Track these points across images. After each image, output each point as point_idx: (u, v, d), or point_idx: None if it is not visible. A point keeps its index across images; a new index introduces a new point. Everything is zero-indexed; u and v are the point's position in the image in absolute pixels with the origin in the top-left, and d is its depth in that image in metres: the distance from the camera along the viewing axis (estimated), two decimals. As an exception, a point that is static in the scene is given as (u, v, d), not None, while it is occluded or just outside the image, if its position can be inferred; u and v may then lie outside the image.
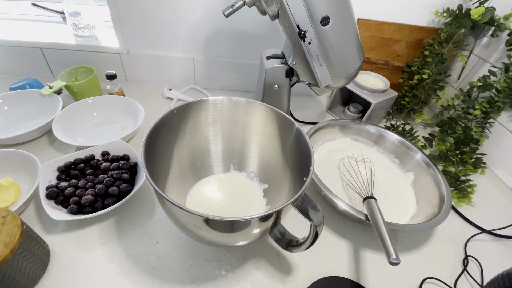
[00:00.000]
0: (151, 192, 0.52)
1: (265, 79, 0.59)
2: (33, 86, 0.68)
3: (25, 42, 0.73)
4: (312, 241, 0.36)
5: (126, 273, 0.41)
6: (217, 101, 0.47)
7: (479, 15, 0.60)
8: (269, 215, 0.33)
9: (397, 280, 0.45)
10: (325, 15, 0.46)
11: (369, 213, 0.44)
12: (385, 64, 0.80)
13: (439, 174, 0.55)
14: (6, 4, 0.82)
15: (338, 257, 0.47)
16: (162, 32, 0.73)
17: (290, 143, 0.46)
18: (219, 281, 0.42)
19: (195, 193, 0.49)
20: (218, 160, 0.53)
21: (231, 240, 0.38)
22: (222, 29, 0.72)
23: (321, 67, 0.53)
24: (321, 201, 0.56)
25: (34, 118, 0.65)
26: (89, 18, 0.74)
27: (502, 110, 0.61)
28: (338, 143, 0.66)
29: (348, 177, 0.58)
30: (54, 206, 0.45)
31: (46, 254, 0.41)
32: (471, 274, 0.47)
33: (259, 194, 0.51)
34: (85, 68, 0.73)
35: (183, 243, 0.46)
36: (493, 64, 0.67)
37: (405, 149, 0.62)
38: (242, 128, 0.50)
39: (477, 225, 0.55)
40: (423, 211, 0.52)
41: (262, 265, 0.44)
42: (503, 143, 0.65)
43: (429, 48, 0.71)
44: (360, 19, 0.71)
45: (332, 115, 0.81)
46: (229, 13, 0.49)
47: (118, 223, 0.47)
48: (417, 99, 0.74)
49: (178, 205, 0.30)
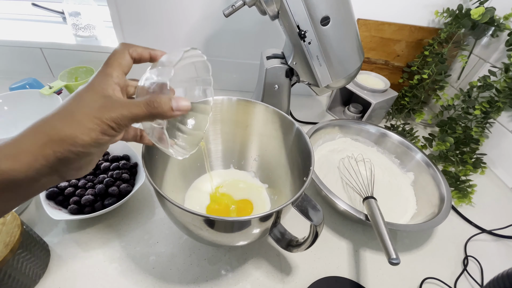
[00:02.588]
0: (151, 192, 0.52)
1: (265, 79, 0.59)
2: (33, 86, 0.68)
3: (25, 42, 0.73)
4: (312, 241, 0.36)
5: (126, 273, 0.41)
6: (217, 101, 0.47)
7: (479, 15, 0.60)
8: (269, 215, 0.33)
9: (397, 280, 0.45)
10: (325, 15, 0.46)
11: (369, 213, 0.44)
12: (385, 64, 0.80)
13: (439, 174, 0.55)
14: (6, 4, 0.82)
15: (338, 257, 0.47)
16: (162, 32, 0.72)
17: (290, 143, 0.46)
18: (219, 281, 0.42)
19: (194, 192, 0.50)
20: (218, 160, 0.53)
21: (231, 240, 0.38)
22: (222, 29, 0.72)
23: (321, 67, 0.53)
24: (321, 201, 0.56)
25: (34, 118, 0.63)
26: (89, 18, 0.74)
27: (502, 110, 0.61)
28: (338, 143, 0.66)
29: (348, 177, 0.58)
30: (54, 206, 0.45)
31: (46, 254, 0.41)
32: (471, 274, 0.47)
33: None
34: (85, 68, 0.73)
35: (183, 243, 0.46)
36: (493, 64, 0.67)
37: (405, 149, 0.62)
38: (242, 128, 0.50)
39: (477, 225, 0.55)
40: (423, 211, 0.52)
41: (262, 265, 0.44)
42: (503, 143, 0.65)
43: (429, 48, 0.71)
44: (360, 19, 0.71)
45: (332, 115, 0.81)
46: (229, 13, 0.49)
47: (118, 223, 0.47)
48: (417, 99, 0.74)
49: (178, 205, 0.30)
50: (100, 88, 0.23)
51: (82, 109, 0.22)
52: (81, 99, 0.23)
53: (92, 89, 0.23)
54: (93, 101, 0.23)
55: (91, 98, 0.23)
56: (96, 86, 0.23)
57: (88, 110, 0.22)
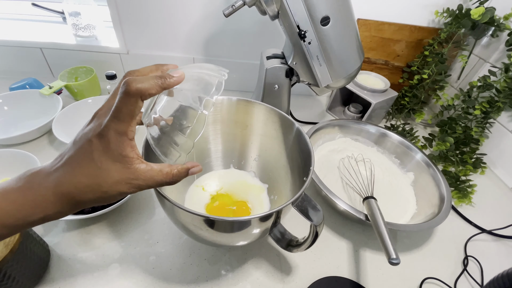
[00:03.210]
0: (151, 192, 0.52)
1: (265, 79, 0.59)
2: (33, 86, 0.68)
3: (25, 42, 0.73)
4: (312, 241, 0.36)
5: (126, 273, 0.41)
6: (217, 101, 0.47)
7: (479, 15, 0.60)
8: (269, 215, 0.33)
9: (397, 280, 0.45)
10: (325, 15, 0.46)
11: (369, 213, 0.44)
12: (385, 64, 0.80)
13: (439, 174, 0.55)
14: (6, 4, 0.82)
15: (338, 257, 0.47)
16: (162, 32, 0.73)
17: (290, 143, 0.46)
18: (219, 281, 0.42)
19: (194, 192, 0.50)
20: (218, 160, 0.53)
21: (231, 240, 0.38)
22: (222, 29, 0.72)
23: (321, 67, 0.53)
24: (321, 201, 0.56)
25: (34, 118, 0.65)
26: (89, 18, 0.74)
27: (502, 110, 0.61)
28: (338, 143, 0.66)
29: (348, 177, 0.58)
30: (54, 206, 0.45)
31: (46, 254, 0.41)
32: (471, 274, 0.47)
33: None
34: (85, 68, 0.73)
35: (183, 243, 0.46)
36: (493, 64, 0.67)
37: (405, 149, 0.62)
38: (242, 128, 0.50)
39: (477, 225, 0.55)
40: (423, 211, 0.52)
41: (262, 265, 0.44)
42: (503, 143, 0.65)
43: (429, 48, 0.71)
44: (360, 19, 0.71)
45: (332, 115, 0.81)
46: (229, 13, 0.49)
47: (118, 223, 0.47)
48: (417, 99, 0.74)
49: (178, 205, 0.30)
50: (119, 154, 0.23)
51: (107, 183, 0.23)
52: (103, 171, 0.23)
53: (112, 156, 0.23)
54: (117, 172, 0.23)
55: (114, 169, 0.23)
56: (114, 151, 0.23)
57: (113, 183, 0.24)
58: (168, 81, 0.24)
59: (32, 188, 0.23)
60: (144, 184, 0.25)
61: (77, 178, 0.23)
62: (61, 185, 0.23)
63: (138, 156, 0.24)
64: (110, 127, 0.23)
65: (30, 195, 0.22)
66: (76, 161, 0.23)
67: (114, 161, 0.23)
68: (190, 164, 0.28)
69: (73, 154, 0.23)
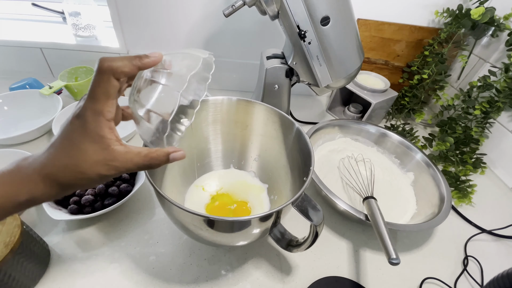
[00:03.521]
0: (151, 192, 0.52)
1: (265, 79, 0.59)
2: (33, 86, 0.68)
3: (25, 42, 0.73)
4: (312, 241, 0.36)
5: (126, 273, 0.41)
6: (217, 101, 0.47)
7: (479, 15, 0.60)
8: (269, 215, 0.33)
9: (397, 280, 0.45)
10: (325, 15, 0.46)
11: (369, 213, 0.44)
12: (385, 64, 0.80)
13: (439, 174, 0.55)
14: (6, 4, 0.82)
15: (338, 257, 0.47)
16: (162, 32, 0.73)
17: (290, 143, 0.46)
18: (219, 281, 0.42)
19: (194, 192, 0.50)
20: (218, 160, 0.53)
21: (231, 240, 0.38)
22: (222, 29, 0.72)
23: (321, 67, 0.53)
24: (321, 201, 0.56)
25: (34, 118, 0.65)
26: (89, 18, 0.74)
27: (502, 110, 0.61)
28: (338, 143, 0.66)
29: (348, 177, 0.58)
30: (54, 206, 0.45)
31: (46, 254, 0.41)
32: (471, 274, 0.47)
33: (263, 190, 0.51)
34: (85, 68, 0.73)
35: (183, 243, 0.46)
36: (493, 64, 0.67)
37: (405, 149, 0.62)
38: (242, 128, 0.50)
39: (477, 225, 0.55)
40: (423, 211, 0.52)
41: (262, 265, 0.44)
42: (503, 143, 0.65)
43: (429, 48, 0.71)
44: (360, 19, 0.71)
45: (332, 115, 0.81)
46: (229, 13, 0.49)
47: (118, 223, 0.47)
48: (417, 99, 0.74)
49: (178, 205, 0.30)
50: (96, 134, 0.23)
51: (85, 163, 0.23)
52: (81, 151, 0.23)
53: (89, 136, 0.23)
54: (95, 153, 0.23)
55: (92, 150, 0.23)
56: (91, 131, 0.23)
57: (91, 164, 0.23)
58: (145, 60, 0.24)
59: (20, 171, 0.23)
60: (122, 167, 0.24)
61: (58, 158, 0.23)
62: (45, 166, 0.23)
63: (117, 138, 0.24)
64: (87, 107, 0.23)
65: (18, 176, 0.23)
66: (59, 142, 0.24)
67: (91, 142, 0.23)
68: (171, 149, 0.27)
69: (57, 137, 0.24)
